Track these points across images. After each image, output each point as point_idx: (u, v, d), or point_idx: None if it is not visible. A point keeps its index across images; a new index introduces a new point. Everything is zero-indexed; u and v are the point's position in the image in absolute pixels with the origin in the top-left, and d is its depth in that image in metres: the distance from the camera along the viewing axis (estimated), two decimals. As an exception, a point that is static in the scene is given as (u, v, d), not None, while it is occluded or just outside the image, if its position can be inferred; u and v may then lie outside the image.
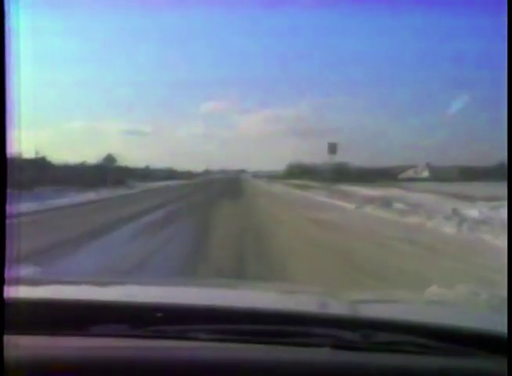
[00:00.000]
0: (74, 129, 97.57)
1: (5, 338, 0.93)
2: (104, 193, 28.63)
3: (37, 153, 35.24)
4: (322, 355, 1.16)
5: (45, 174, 30.03)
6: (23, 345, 1.08)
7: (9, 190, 0.87)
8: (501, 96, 1.29)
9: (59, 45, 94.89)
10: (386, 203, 17.85)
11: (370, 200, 19.73)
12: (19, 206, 12.04)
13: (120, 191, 31.66)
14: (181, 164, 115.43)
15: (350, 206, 18.98)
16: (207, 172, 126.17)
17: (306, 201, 23.57)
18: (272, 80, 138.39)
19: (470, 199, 18.58)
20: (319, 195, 27.36)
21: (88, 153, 44.88)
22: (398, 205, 17.07)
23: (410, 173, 71.53)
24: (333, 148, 30.00)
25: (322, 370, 1.11)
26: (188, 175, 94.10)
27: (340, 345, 1.19)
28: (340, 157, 45.33)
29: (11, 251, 0.93)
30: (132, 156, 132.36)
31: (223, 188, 40.90)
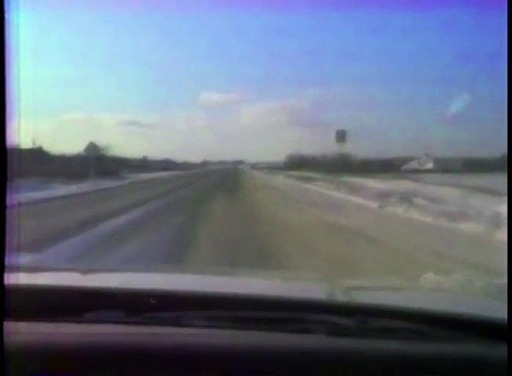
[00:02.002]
0: (73, 120, 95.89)
1: (5, 324, 0.96)
2: (88, 185, 26.40)
3: (34, 143, 35.62)
4: (317, 341, 1.16)
5: (37, 165, 28.54)
6: (22, 331, 1.10)
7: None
8: (503, 90, 1.21)
9: (59, 38, 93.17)
10: (405, 198, 15.56)
11: (385, 195, 17.50)
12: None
13: (108, 183, 29.53)
14: (179, 155, 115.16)
15: (369, 203, 16.22)
16: (205, 163, 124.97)
17: (315, 197, 20.31)
18: (272, 71, 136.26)
19: (497, 194, 16.24)
20: (325, 188, 25.10)
21: (87, 144, 43.84)
22: (419, 201, 14.81)
23: (414, 164, 69.59)
24: (341, 136, 27.08)
25: (318, 356, 1.11)
26: (186, 166, 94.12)
27: (336, 332, 1.19)
28: (340, 148, 43.54)
29: (10, 238, 0.94)
30: (130, 147, 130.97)
31: (219, 180, 38.31)
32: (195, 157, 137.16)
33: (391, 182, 27.82)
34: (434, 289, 2.21)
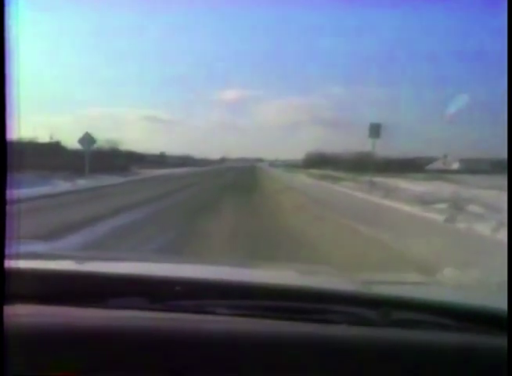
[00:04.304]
0: (93, 115, 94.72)
1: (19, 307, 1.09)
2: (84, 181, 23.63)
3: (51, 138, 36.27)
4: (339, 331, 1.17)
5: (46, 159, 27.15)
6: (40, 314, 1.13)
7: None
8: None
9: (79, 34, 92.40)
10: (457, 205, 12.97)
11: (429, 200, 14.95)
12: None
13: (111, 179, 26.92)
14: (198, 152, 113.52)
15: (423, 213, 12.51)
16: (223, 160, 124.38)
17: (349, 203, 16.10)
18: (292, 68, 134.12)
19: None
20: (354, 189, 22.30)
21: (106, 139, 43.01)
22: (477, 210, 12.23)
23: (439, 164, 66.89)
24: (375, 130, 22.14)
25: (340, 346, 1.11)
26: (204, 162, 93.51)
27: (358, 322, 1.19)
28: (361, 147, 40.93)
29: (13, 226, 0.92)
30: (148, 142, 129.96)
31: (235, 178, 35.19)
32: (213, 154, 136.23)
33: (426, 184, 25.28)
34: (451, 283, 2.13)
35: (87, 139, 26.56)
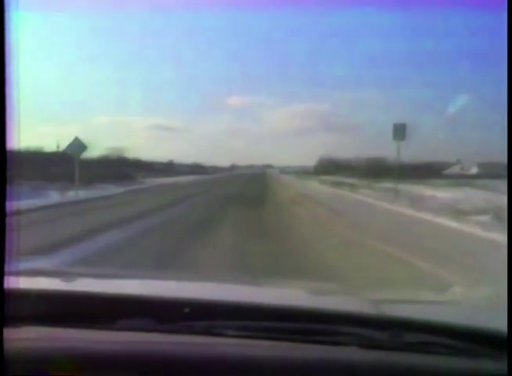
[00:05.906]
0: (101, 124, 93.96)
1: (25, 329, 1.05)
2: (72, 193, 21.49)
3: (58, 147, 35.31)
4: (349, 354, 1.13)
5: (52, 169, 27.07)
6: (45, 337, 1.11)
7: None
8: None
9: (86, 43, 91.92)
10: (500, 217, 11.05)
11: (465, 211, 13.06)
12: None
13: (105, 190, 25.12)
14: (207, 159, 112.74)
15: (487, 235, 9.52)
16: (233, 167, 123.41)
17: (385, 220, 13.04)
18: (301, 74, 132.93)
19: None
20: (377, 199, 20.17)
21: (112, 147, 42.45)
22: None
23: (457, 169, 64.93)
24: (400, 132, 19.44)
25: (350, 369, 1.08)
26: (213, 170, 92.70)
27: (369, 344, 1.15)
28: (373, 152, 39.29)
29: (12, 243, 0.92)
30: (157, 150, 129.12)
31: (245, 186, 33.01)
32: (223, 161, 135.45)
33: (452, 190, 23.35)
34: (461, 302, 2.02)
35: (76, 145, 23.01)
